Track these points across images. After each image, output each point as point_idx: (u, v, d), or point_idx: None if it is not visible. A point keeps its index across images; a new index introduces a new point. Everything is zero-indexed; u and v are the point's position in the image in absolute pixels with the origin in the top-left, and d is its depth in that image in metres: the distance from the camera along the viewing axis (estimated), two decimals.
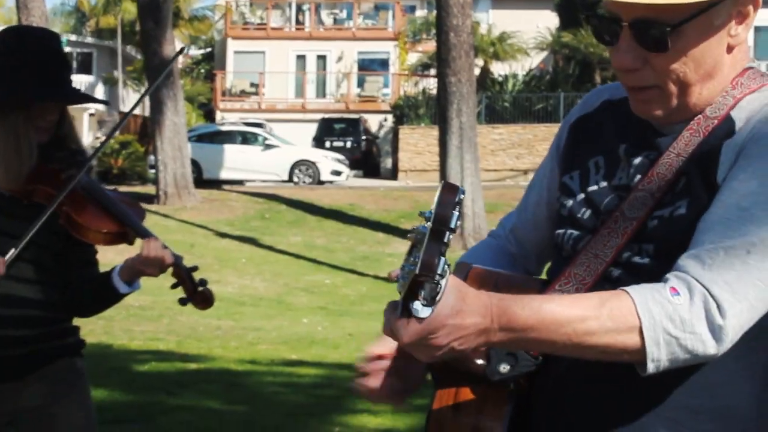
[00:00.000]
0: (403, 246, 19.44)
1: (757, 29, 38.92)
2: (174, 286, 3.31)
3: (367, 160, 37.03)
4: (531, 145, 33.23)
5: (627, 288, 1.66)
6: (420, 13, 44.15)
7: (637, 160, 1.86)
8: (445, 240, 1.53)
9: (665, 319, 1.62)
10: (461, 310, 1.57)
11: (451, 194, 1.56)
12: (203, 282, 3.29)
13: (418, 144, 34.14)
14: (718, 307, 1.63)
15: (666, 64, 1.78)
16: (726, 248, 1.67)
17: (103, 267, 3.33)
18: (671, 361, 1.64)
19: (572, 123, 2.05)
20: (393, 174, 35.26)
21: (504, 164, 32.92)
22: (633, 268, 1.79)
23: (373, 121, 39.48)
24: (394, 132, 36.39)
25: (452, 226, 1.53)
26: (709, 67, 1.80)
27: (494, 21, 40.71)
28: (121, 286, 3.22)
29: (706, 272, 1.65)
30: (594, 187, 1.92)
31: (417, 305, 1.54)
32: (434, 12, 23.11)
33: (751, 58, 1.91)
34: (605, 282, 1.80)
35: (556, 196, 2.00)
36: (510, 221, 2.17)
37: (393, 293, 1.59)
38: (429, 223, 1.54)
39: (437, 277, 1.52)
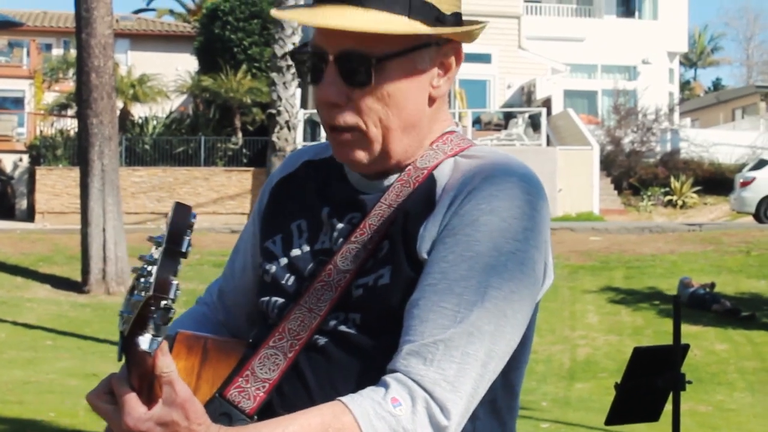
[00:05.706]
0: (43, 290, 18.99)
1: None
2: None
3: (2, 201, 35.78)
4: (172, 188, 33.24)
5: (347, 401, 1.63)
6: (56, 51, 43.15)
7: (340, 225, 1.83)
8: (179, 264, 1.42)
9: None
10: (194, 401, 1.56)
11: (184, 215, 1.44)
12: None
13: (56, 185, 33.34)
14: (442, 409, 1.64)
15: (368, 101, 1.75)
16: (445, 341, 1.66)
17: None
18: None
19: (273, 186, 1.99)
20: (29, 216, 34.21)
21: (145, 207, 32.72)
22: (340, 338, 1.76)
23: (7, 161, 38.17)
24: (30, 173, 35.34)
25: (183, 249, 1.43)
26: (410, 114, 1.79)
27: (133, 62, 40.48)
28: None
29: (429, 371, 1.65)
30: (297, 252, 1.87)
31: (143, 339, 1.41)
32: (72, 51, 22.73)
33: (455, 121, 1.86)
34: (311, 350, 1.77)
35: (259, 261, 1.94)
36: (216, 286, 2.09)
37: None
38: (161, 246, 1.42)
39: (170, 302, 1.40)
